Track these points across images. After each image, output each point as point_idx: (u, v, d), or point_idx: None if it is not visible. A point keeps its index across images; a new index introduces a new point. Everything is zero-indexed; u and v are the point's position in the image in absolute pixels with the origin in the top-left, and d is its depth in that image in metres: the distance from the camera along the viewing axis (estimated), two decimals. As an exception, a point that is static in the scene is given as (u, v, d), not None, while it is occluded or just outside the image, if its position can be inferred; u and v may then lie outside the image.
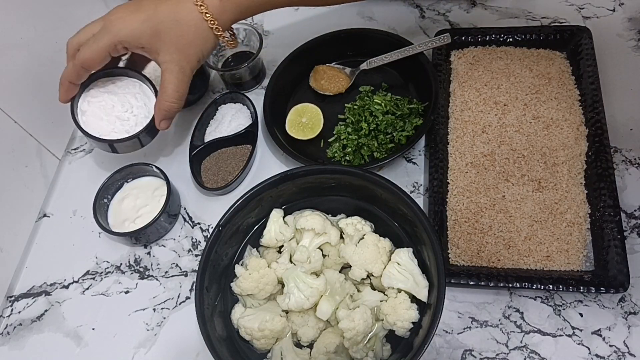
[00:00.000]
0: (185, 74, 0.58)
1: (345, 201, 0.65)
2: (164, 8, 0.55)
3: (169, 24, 0.55)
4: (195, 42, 0.56)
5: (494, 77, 0.73)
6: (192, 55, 0.57)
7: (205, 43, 0.57)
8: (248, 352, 0.59)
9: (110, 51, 0.57)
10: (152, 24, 0.55)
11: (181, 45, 0.56)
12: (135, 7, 0.56)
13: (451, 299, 0.61)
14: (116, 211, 0.71)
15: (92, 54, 0.57)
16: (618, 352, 0.56)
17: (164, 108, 0.60)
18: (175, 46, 0.56)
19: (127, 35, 0.56)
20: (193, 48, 0.57)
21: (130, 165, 0.71)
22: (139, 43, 0.56)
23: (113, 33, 0.56)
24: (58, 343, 0.66)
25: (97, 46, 0.56)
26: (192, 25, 0.55)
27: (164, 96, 0.59)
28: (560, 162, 0.66)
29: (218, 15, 0.55)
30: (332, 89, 0.78)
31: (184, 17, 0.55)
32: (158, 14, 0.55)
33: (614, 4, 0.80)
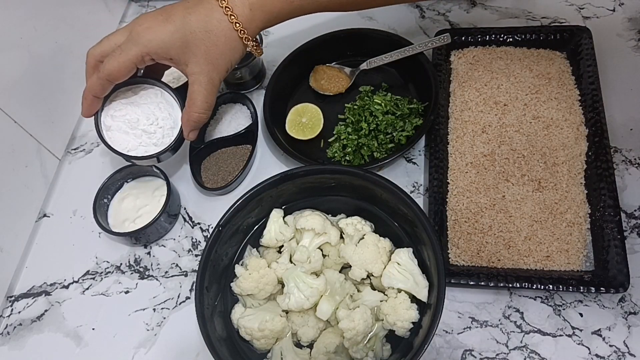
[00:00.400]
0: (214, 84, 0.58)
1: (345, 201, 0.65)
2: (194, 18, 0.54)
3: (199, 34, 0.54)
4: (225, 52, 0.55)
5: (494, 77, 0.73)
6: (222, 65, 0.57)
7: (235, 52, 0.57)
8: (248, 352, 0.59)
9: (137, 63, 0.56)
10: (182, 35, 0.54)
11: (211, 56, 0.55)
12: (164, 17, 0.54)
13: (451, 299, 0.61)
14: (116, 211, 0.71)
15: (120, 66, 0.55)
16: (618, 352, 0.56)
17: (193, 119, 0.59)
18: (205, 57, 0.55)
19: (157, 47, 0.54)
20: (223, 58, 0.56)
21: (130, 165, 0.71)
22: (168, 54, 0.55)
23: (142, 44, 0.54)
24: (58, 343, 0.66)
25: (125, 58, 0.54)
26: (222, 35, 0.54)
27: (193, 107, 0.58)
28: (560, 162, 0.66)
29: (247, 25, 0.54)
30: (332, 89, 0.78)
31: (215, 27, 0.54)
32: (188, 24, 0.54)
33: (614, 4, 0.80)
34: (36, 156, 0.74)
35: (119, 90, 0.63)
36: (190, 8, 0.54)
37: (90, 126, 0.84)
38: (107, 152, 0.78)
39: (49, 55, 0.76)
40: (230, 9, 0.53)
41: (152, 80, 0.64)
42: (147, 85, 0.64)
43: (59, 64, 0.78)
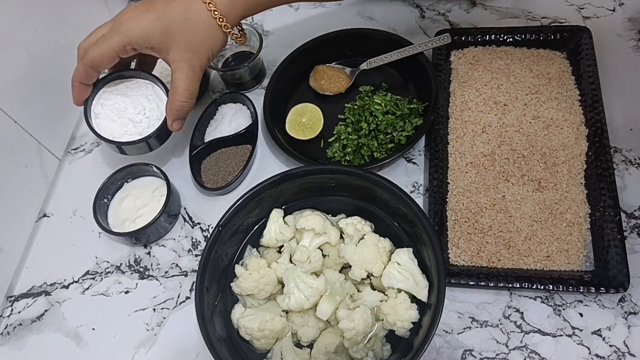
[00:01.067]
0: (195, 72, 0.58)
1: (345, 201, 0.65)
2: (174, 6, 0.55)
3: (179, 22, 0.55)
4: (205, 39, 0.56)
5: (494, 77, 0.73)
6: (202, 53, 0.57)
7: (215, 40, 0.57)
8: (248, 352, 0.59)
9: (119, 52, 0.57)
10: (162, 23, 0.55)
11: (191, 44, 0.56)
12: (145, 7, 0.56)
13: (451, 299, 0.61)
14: (116, 211, 0.71)
15: (101, 53, 0.57)
16: (618, 352, 0.56)
17: (176, 107, 0.60)
18: (185, 44, 0.56)
19: (137, 35, 0.56)
20: (203, 46, 0.57)
21: (130, 165, 0.71)
22: (149, 43, 0.56)
23: (123, 33, 0.56)
24: (58, 343, 0.66)
25: (106, 46, 0.56)
26: (201, 23, 0.55)
27: (175, 95, 0.59)
28: (560, 162, 0.66)
29: (227, 12, 0.55)
30: (332, 89, 0.78)
31: (194, 15, 0.55)
32: (168, 12, 0.55)
33: (614, 4, 0.80)
34: (36, 156, 0.74)
35: (112, 82, 0.65)
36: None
37: (90, 126, 0.84)
38: (107, 152, 0.78)
39: (49, 55, 0.76)
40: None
41: (145, 74, 0.66)
42: (138, 78, 0.66)
43: (59, 64, 0.78)
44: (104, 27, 0.59)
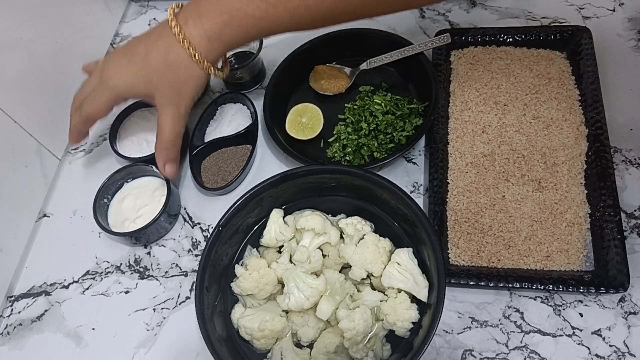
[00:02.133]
0: (180, 113, 0.60)
1: (345, 201, 0.65)
2: (154, 55, 0.56)
3: (160, 70, 0.57)
4: (187, 81, 0.58)
5: (494, 77, 0.73)
6: (186, 94, 0.59)
7: (198, 81, 0.59)
8: (248, 352, 0.59)
9: (110, 105, 0.61)
10: (145, 73, 0.57)
11: (174, 88, 0.58)
12: (127, 59, 0.58)
13: (451, 299, 0.61)
14: (116, 211, 0.71)
15: (95, 108, 0.61)
16: (618, 352, 0.56)
17: (164, 148, 0.63)
18: (169, 89, 0.58)
19: (124, 89, 0.59)
20: (186, 87, 0.58)
21: (130, 165, 0.71)
22: (135, 93, 0.60)
23: (110, 89, 0.59)
24: (58, 343, 0.66)
25: (99, 101, 0.60)
26: (182, 67, 0.56)
27: (162, 137, 0.61)
28: (560, 162, 0.66)
29: (207, 53, 0.56)
30: (332, 89, 0.78)
31: (174, 60, 0.56)
32: (149, 62, 0.57)
33: (614, 4, 0.80)
34: (36, 156, 0.74)
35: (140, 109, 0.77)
36: (151, 45, 0.57)
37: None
38: (107, 153, 0.78)
39: (49, 55, 0.76)
40: (188, 41, 0.54)
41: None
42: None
43: (59, 64, 0.78)
44: (93, 79, 0.61)
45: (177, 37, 0.54)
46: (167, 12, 0.58)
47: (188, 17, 0.55)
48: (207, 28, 0.54)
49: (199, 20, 0.54)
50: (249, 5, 0.51)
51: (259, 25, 0.53)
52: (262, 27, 0.53)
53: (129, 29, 0.94)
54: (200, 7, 0.54)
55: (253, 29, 0.53)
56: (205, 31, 0.54)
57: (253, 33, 0.54)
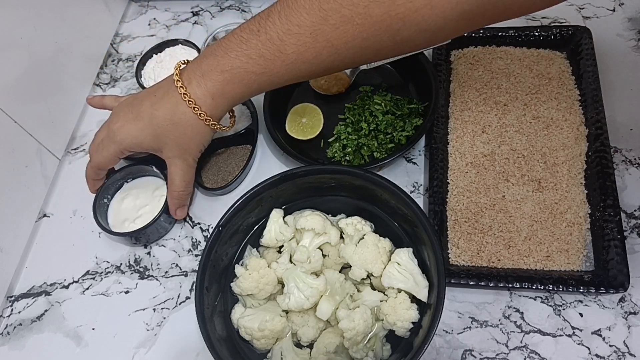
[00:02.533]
0: (189, 164, 0.63)
1: (345, 201, 0.65)
2: (160, 113, 0.58)
3: (166, 127, 0.58)
4: (193, 137, 0.60)
5: (494, 77, 0.73)
6: (193, 147, 0.61)
7: (204, 136, 0.60)
8: (248, 352, 0.59)
9: (117, 156, 0.63)
10: (152, 130, 0.59)
11: (181, 143, 0.60)
12: (134, 115, 0.60)
13: (451, 299, 0.61)
14: (116, 211, 0.71)
15: (103, 160, 0.63)
16: (618, 352, 0.56)
17: (175, 197, 0.66)
18: (175, 144, 0.60)
19: (131, 143, 0.60)
20: (192, 142, 0.60)
21: (130, 165, 0.71)
22: (142, 147, 0.61)
23: (117, 142, 0.61)
24: (58, 343, 0.66)
25: (106, 153, 0.62)
26: (188, 125, 0.58)
27: (173, 187, 0.64)
28: (560, 162, 0.66)
29: (211, 112, 0.57)
30: (332, 89, 0.78)
31: (180, 119, 0.57)
32: (155, 119, 0.58)
33: (614, 4, 0.80)
34: (36, 156, 0.74)
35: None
36: (156, 103, 0.58)
37: (90, 126, 0.84)
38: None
39: (49, 55, 0.76)
40: (194, 101, 0.56)
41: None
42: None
43: (59, 64, 0.78)
44: (102, 131, 0.64)
45: (183, 97, 0.56)
46: (166, 12, 0.58)
47: (192, 76, 0.56)
48: (210, 87, 0.55)
49: (202, 79, 0.55)
50: (248, 62, 0.53)
51: (260, 80, 0.54)
52: (263, 82, 0.55)
53: (129, 29, 0.94)
54: (203, 67, 0.55)
55: (254, 84, 0.55)
56: (209, 90, 0.55)
57: (254, 88, 0.56)
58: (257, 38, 0.52)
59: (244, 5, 0.93)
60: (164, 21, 0.94)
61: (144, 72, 0.82)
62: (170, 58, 0.82)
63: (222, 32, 0.80)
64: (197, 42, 0.83)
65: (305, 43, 0.50)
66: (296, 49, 0.50)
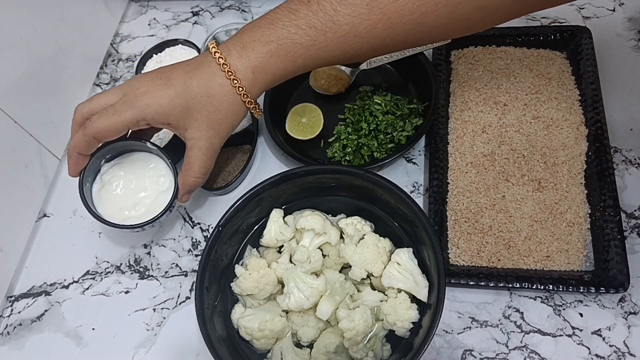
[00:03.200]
0: (214, 150, 0.56)
1: (345, 201, 0.65)
2: (195, 83, 0.52)
3: (201, 99, 0.52)
4: (227, 116, 0.53)
5: (494, 77, 0.73)
6: (223, 130, 0.55)
7: (237, 116, 0.54)
8: (248, 352, 0.59)
9: (130, 126, 0.53)
10: (183, 100, 0.52)
11: (213, 121, 0.53)
12: (163, 81, 0.52)
13: (451, 299, 0.61)
14: (105, 199, 0.62)
15: (109, 126, 0.52)
16: (618, 352, 0.56)
17: (189, 183, 0.58)
18: (206, 123, 0.53)
19: (155, 112, 0.52)
20: (225, 122, 0.54)
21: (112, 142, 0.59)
22: (166, 120, 0.53)
23: (138, 108, 0.52)
24: (58, 343, 0.66)
25: (118, 119, 0.52)
26: (224, 100, 0.52)
27: (190, 172, 0.56)
28: (560, 162, 0.66)
29: (250, 88, 0.52)
30: (332, 89, 0.78)
31: (217, 92, 0.52)
32: (189, 89, 0.52)
33: (614, 4, 0.80)
34: (36, 156, 0.74)
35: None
36: (191, 72, 0.52)
37: (90, 126, 0.84)
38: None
39: (49, 55, 0.76)
40: (233, 73, 0.51)
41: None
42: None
43: (59, 64, 0.78)
44: (110, 95, 0.54)
45: (222, 68, 0.51)
46: (166, 12, 0.57)
47: (231, 48, 0.51)
48: (252, 58, 0.50)
49: (243, 51, 0.51)
50: (297, 33, 0.49)
51: (307, 55, 0.50)
52: (310, 57, 0.50)
53: (129, 29, 0.94)
54: (244, 38, 0.51)
55: (300, 58, 0.50)
56: (251, 62, 0.51)
57: (299, 63, 0.51)
58: (307, 8, 0.48)
59: (244, 5, 0.93)
60: (164, 21, 0.94)
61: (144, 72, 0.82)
62: (170, 58, 0.81)
63: (222, 32, 0.80)
64: (197, 42, 0.83)
65: (361, 14, 0.47)
66: (350, 20, 0.47)
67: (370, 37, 0.49)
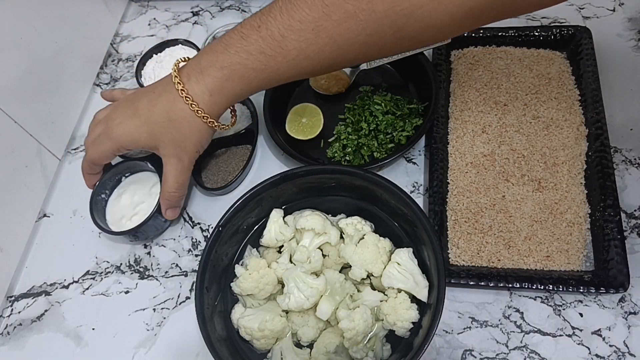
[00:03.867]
0: (184, 164, 0.61)
1: (345, 201, 0.65)
2: (157, 110, 0.57)
3: (163, 124, 0.57)
4: (190, 136, 0.58)
5: (494, 77, 0.73)
6: (189, 147, 0.60)
7: (201, 134, 0.59)
8: (248, 352, 0.59)
9: (113, 153, 0.63)
10: (148, 128, 0.58)
11: (177, 141, 0.59)
12: (131, 111, 0.59)
13: (451, 299, 0.61)
14: (114, 208, 0.71)
15: (98, 155, 0.63)
16: (618, 352, 0.56)
17: (166, 197, 0.64)
18: (171, 143, 0.59)
19: (127, 140, 0.60)
20: (189, 141, 0.59)
21: (127, 160, 0.71)
22: (138, 145, 0.60)
23: (113, 139, 0.60)
24: (58, 343, 0.66)
25: (102, 149, 0.62)
26: (185, 122, 0.57)
27: (165, 187, 0.63)
28: (560, 162, 0.66)
29: (209, 110, 0.56)
30: (332, 89, 0.78)
31: (177, 115, 0.56)
32: (153, 116, 0.58)
33: (614, 4, 0.80)
34: (36, 156, 0.74)
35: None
36: (154, 100, 0.58)
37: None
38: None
39: (49, 55, 0.76)
40: (191, 97, 0.55)
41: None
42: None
43: (59, 64, 0.78)
44: (99, 127, 0.63)
45: (180, 94, 0.55)
46: (166, 12, 0.58)
47: (190, 73, 0.55)
48: (208, 83, 0.54)
49: (200, 76, 0.54)
50: (249, 59, 0.52)
51: (260, 77, 0.53)
52: (263, 79, 0.53)
53: (129, 29, 0.94)
54: (202, 63, 0.54)
55: (254, 81, 0.54)
56: (207, 86, 0.54)
57: (254, 85, 0.54)
58: (257, 34, 0.50)
59: (244, 5, 0.93)
60: (164, 21, 0.94)
61: (144, 72, 0.82)
62: (170, 58, 0.82)
63: (222, 32, 0.80)
64: (197, 42, 0.83)
65: (307, 39, 0.49)
66: (298, 45, 0.49)
67: (320, 59, 0.51)
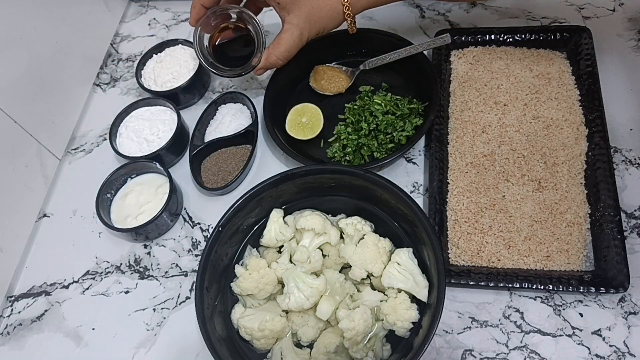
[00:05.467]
0: (302, 40, 0.64)
1: (345, 201, 0.65)
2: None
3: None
4: (324, 18, 0.62)
5: (494, 77, 0.73)
6: (316, 28, 0.63)
7: (332, 22, 0.62)
8: (248, 352, 0.59)
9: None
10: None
11: (311, 17, 0.61)
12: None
13: (451, 299, 0.61)
14: (119, 207, 0.72)
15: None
16: (618, 352, 0.56)
17: (271, 61, 0.66)
18: (306, 15, 0.61)
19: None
20: (320, 23, 0.62)
21: (134, 161, 0.72)
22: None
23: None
24: (58, 343, 0.66)
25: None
26: (328, 4, 0.60)
27: (275, 52, 0.64)
28: (560, 162, 0.66)
29: (355, 3, 0.60)
30: (332, 89, 0.78)
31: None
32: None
33: (614, 4, 0.80)
34: (36, 156, 0.74)
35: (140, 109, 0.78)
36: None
37: (90, 126, 0.84)
38: (107, 152, 0.78)
39: (49, 55, 0.76)
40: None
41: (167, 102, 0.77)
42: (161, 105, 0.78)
43: (59, 63, 0.78)
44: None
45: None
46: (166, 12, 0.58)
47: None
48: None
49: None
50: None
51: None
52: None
53: (129, 29, 0.94)
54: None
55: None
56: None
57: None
58: None
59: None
60: (164, 21, 0.94)
61: (144, 72, 0.82)
62: (171, 58, 0.82)
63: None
64: (197, 42, 0.83)
65: None
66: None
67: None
